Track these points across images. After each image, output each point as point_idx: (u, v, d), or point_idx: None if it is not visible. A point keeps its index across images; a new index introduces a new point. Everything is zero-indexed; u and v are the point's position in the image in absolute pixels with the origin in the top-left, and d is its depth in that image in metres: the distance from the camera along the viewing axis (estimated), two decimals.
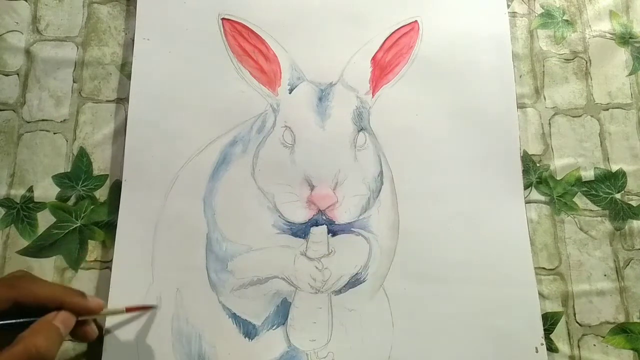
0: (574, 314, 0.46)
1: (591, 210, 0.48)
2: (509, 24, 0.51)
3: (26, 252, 0.44)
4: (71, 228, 0.45)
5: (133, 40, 0.48)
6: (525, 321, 0.44)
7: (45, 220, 0.45)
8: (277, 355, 0.42)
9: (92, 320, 0.39)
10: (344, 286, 0.44)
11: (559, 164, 0.49)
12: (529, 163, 0.49)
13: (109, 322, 0.41)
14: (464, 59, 0.50)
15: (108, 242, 0.44)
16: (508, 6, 0.52)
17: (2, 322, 0.34)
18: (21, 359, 0.32)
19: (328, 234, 0.45)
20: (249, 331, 0.43)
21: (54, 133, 0.47)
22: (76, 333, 0.38)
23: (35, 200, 0.45)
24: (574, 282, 0.46)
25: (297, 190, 0.45)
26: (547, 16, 0.53)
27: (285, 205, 0.45)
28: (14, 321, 0.35)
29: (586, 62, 0.52)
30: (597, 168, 0.49)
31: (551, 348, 0.44)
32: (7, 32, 0.49)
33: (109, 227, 0.44)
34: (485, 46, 0.50)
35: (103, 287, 0.43)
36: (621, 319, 0.46)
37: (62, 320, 0.35)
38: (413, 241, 0.45)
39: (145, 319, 0.42)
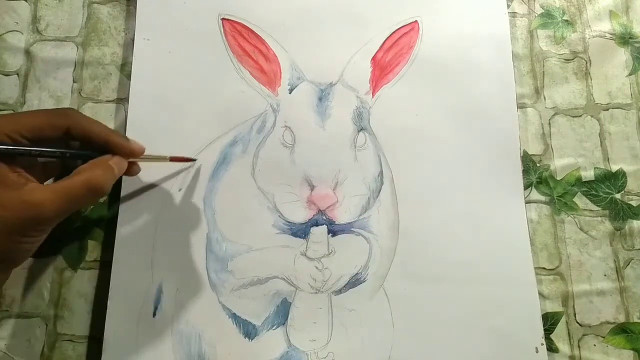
0: (574, 314, 0.46)
1: (591, 210, 0.48)
2: (509, 24, 0.51)
3: None
4: (71, 228, 0.45)
5: (133, 40, 0.48)
6: (525, 321, 0.44)
7: None
8: (277, 355, 0.42)
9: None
10: (344, 286, 0.44)
11: (559, 164, 0.49)
12: (529, 163, 0.49)
13: (109, 322, 0.41)
14: (464, 59, 0.50)
15: (108, 242, 0.44)
16: (508, 6, 0.52)
17: (65, 151, 0.37)
18: (82, 186, 0.35)
19: (328, 234, 0.45)
20: (249, 331, 0.43)
21: None
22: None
23: None
24: (574, 282, 0.46)
25: (297, 190, 0.45)
26: (547, 16, 0.53)
27: (285, 205, 0.45)
28: (75, 151, 0.38)
29: (586, 62, 0.52)
30: (597, 168, 0.49)
31: (551, 348, 0.44)
32: (7, 32, 0.49)
33: (109, 227, 0.44)
34: (485, 46, 0.50)
35: (103, 287, 0.43)
36: (621, 319, 0.46)
37: (116, 162, 0.38)
38: (413, 241, 0.45)
39: (144, 318, 0.42)
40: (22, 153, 0.35)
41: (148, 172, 0.45)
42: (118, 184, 0.45)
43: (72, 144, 0.39)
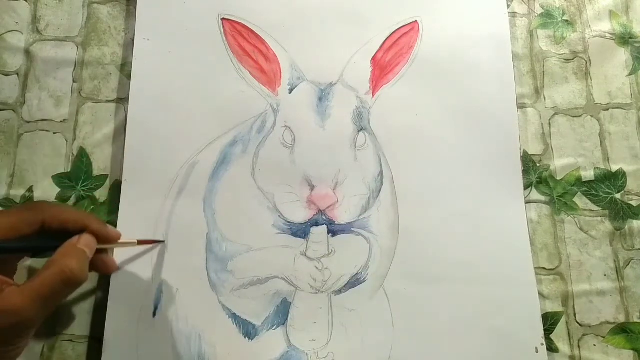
0: (574, 314, 0.46)
1: (591, 210, 0.48)
2: (509, 24, 0.51)
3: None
4: None
5: (133, 40, 0.48)
6: (525, 321, 0.44)
7: None
8: (277, 355, 0.42)
9: (110, 253, 0.41)
10: (344, 286, 0.44)
11: (559, 164, 0.49)
12: (529, 163, 0.49)
13: (109, 322, 0.41)
14: (464, 59, 0.50)
15: None
16: (508, 6, 0.52)
17: (27, 245, 0.36)
18: (57, 280, 0.33)
19: (328, 234, 0.45)
20: (249, 331, 0.43)
21: (54, 133, 0.47)
22: (97, 265, 0.39)
23: (35, 200, 0.45)
24: (574, 282, 0.46)
25: (297, 190, 0.45)
26: (547, 16, 0.53)
27: (285, 205, 0.45)
28: (38, 245, 0.36)
29: (586, 62, 0.52)
30: (597, 168, 0.49)
31: (551, 348, 0.44)
32: (7, 32, 0.49)
33: None
34: (485, 46, 0.50)
35: (103, 287, 0.43)
36: (621, 319, 0.46)
37: (85, 243, 0.36)
38: (413, 241, 0.45)
39: (144, 318, 0.42)
40: None
41: (148, 173, 0.45)
42: (118, 185, 0.45)
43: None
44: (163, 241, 0.44)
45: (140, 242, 0.42)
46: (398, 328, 0.43)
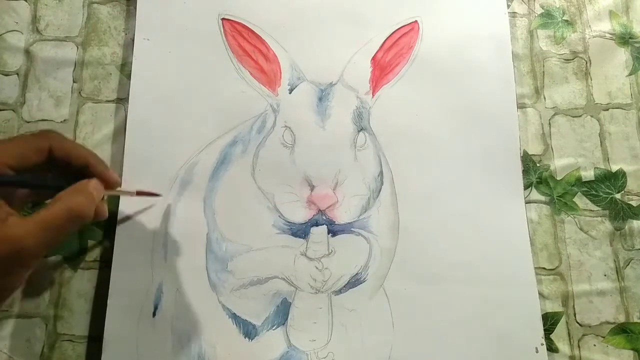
0: (574, 314, 0.46)
1: (591, 210, 0.48)
2: (509, 24, 0.51)
3: None
4: None
5: (133, 40, 0.48)
6: (525, 321, 0.44)
7: None
8: (277, 355, 0.42)
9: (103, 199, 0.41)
10: (344, 286, 0.44)
11: (559, 164, 0.49)
12: (529, 163, 0.49)
13: (109, 321, 0.41)
14: (464, 59, 0.50)
15: (108, 242, 0.44)
16: (508, 6, 0.52)
17: (37, 182, 0.37)
18: (63, 216, 0.34)
19: (328, 234, 0.45)
20: (249, 331, 0.43)
21: None
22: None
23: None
24: (574, 282, 0.46)
25: (297, 190, 0.45)
26: (547, 16, 0.53)
27: (285, 205, 0.45)
28: (47, 183, 0.37)
29: (586, 62, 0.52)
30: (597, 168, 0.49)
31: (551, 348, 0.44)
32: (7, 32, 0.49)
33: (109, 227, 0.44)
34: (485, 46, 0.50)
35: (103, 287, 0.43)
36: (621, 319, 0.46)
37: (94, 187, 0.37)
38: (413, 241, 0.45)
39: (144, 318, 0.42)
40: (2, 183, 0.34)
41: (148, 173, 0.45)
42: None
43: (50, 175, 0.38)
44: (160, 195, 0.44)
45: (138, 193, 0.42)
46: (398, 328, 0.43)
